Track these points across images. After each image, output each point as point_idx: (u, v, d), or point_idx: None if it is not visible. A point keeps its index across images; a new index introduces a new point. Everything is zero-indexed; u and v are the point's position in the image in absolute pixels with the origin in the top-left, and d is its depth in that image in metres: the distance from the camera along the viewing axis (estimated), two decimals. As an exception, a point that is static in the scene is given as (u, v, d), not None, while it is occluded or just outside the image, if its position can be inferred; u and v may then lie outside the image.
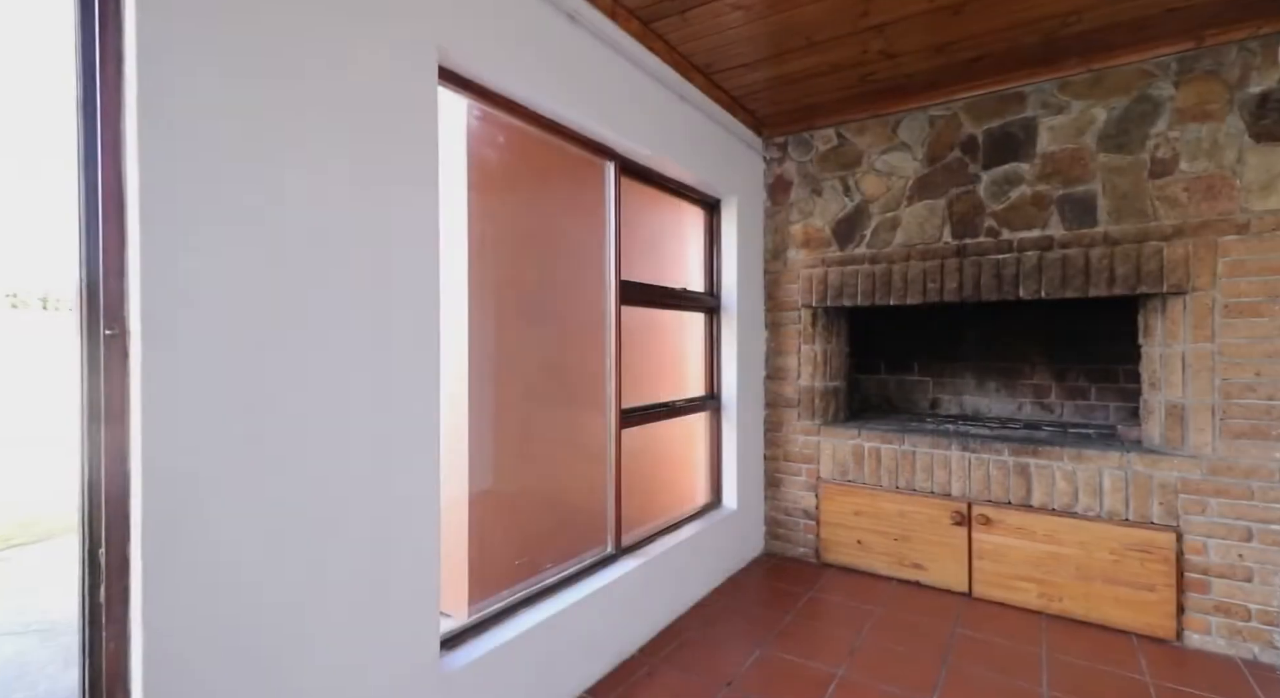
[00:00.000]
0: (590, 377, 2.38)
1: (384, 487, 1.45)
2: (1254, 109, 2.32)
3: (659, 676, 2.20)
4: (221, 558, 1.15)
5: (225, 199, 1.15)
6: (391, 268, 1.48)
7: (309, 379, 1.30)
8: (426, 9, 1.53)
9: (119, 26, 1.04)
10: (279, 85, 1.23)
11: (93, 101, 1.03)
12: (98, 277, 1.04)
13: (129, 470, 1.07)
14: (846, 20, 2.28)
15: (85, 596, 1.06)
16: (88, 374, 1.05)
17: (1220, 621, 2.35)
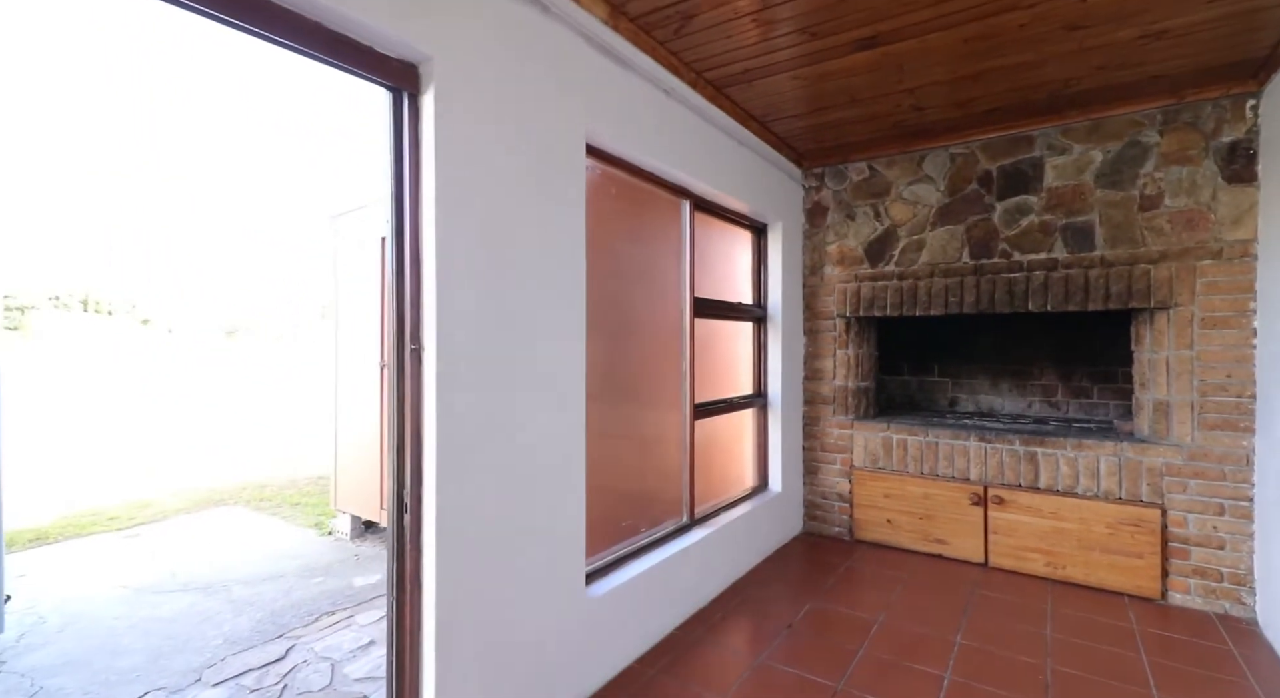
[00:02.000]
0: (670, 378, 2.90)
1: (555, 460, 1.97)
2: (1226, 155, 2.78)
3: (731, 620, 2.71)
4: (473, 497, 1.68)
5: (478, 261, 1.68)
6: (561, 296, 2.00)
7: (518, 380, 1.82)
8: (580, 109, 2.06)
9: (417, 157, 1.58)
10: (502, 180, 1.76)
11: (401, 199, 1.57)
12: (405, 311, 1.58)
13: (423, 443, 1.60)
14: (885, 85, 2.77)
15: (394, 522, 1.60)
16: (398, 375, 1.58)
17: (1198, 582, 2.81)
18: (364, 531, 4.35)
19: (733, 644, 2.52)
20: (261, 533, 4.51)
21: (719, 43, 2.38)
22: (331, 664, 2.58)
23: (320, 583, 3.50)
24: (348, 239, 4.28)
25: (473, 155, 1.67)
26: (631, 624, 2.34)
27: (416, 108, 1.59)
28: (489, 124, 1.72)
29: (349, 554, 3.98)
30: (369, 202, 4.10)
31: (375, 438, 4.05)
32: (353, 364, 4.27)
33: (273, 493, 5.73)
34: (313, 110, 34.03)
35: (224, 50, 44.42)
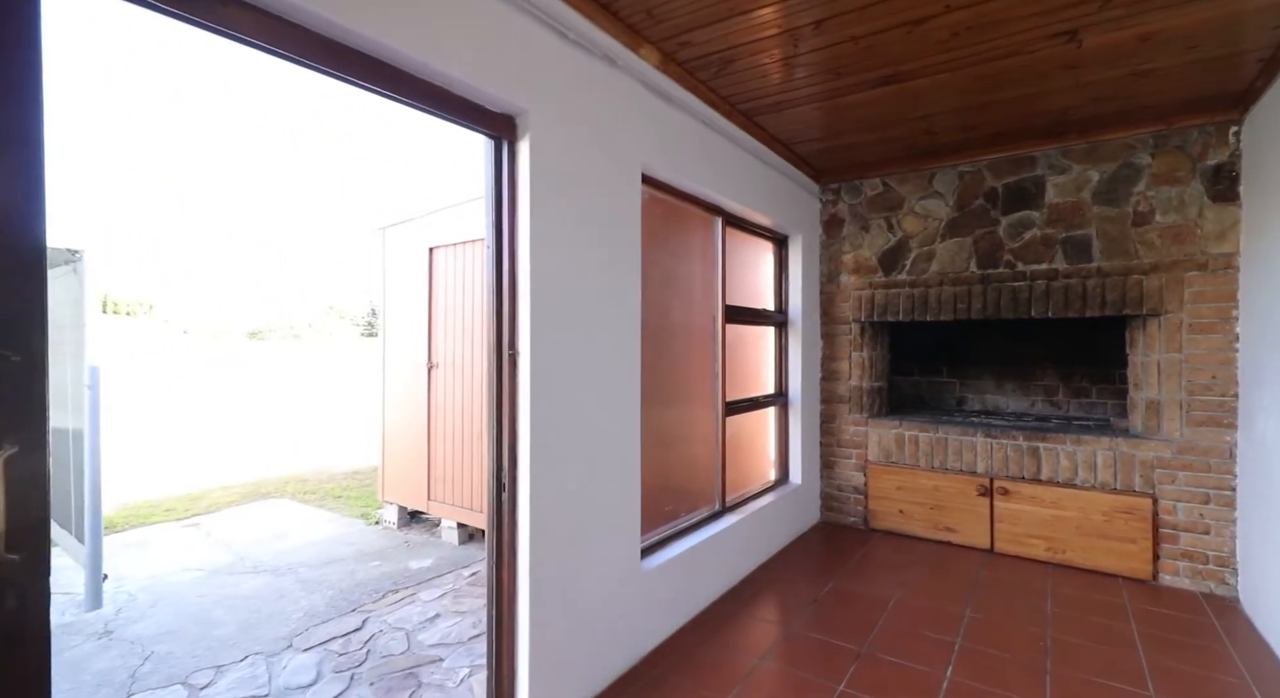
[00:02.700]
0: (705, 378, 3.20)
1: (616, 448, 2.27)
2: (1211, 177, 3.06)
3: (761, 596, 3.01)
4: (556, 479, 1.98)
5: (560, 278, 1.98)
6: (621, 307, 2.30)
7: (588, 379, 2.12)
8: (638, 144, 2.36)
9: (514, 194, 1.88)
10: (580, 211, 2.06)
11: (500, 229, 1.88)
12: (503, 321, 1.88)
13: (517, 432, 1.90)
14: (899, 114, 3.06)
15: (494, 498, 1.90)
16: (497, 375, 1.89)
17: (1186, 564, 3.09)
18: (409, 520, 4.67)
19: (764, 616, 2.81)
20: (312, 523, 4.83)
21: (754, 81, 2.67)
22: (405, 633, 2.89)
23: (378, 566, 3.81)
24: (396, 249, 4.60)
25: (556, 190, 1.98)
26: (677, 596, 2.64)
27: (514, 153, 1.89)
28: (568, 163, 2.03)
29: (399, 541, 4.29)
30: (417, 215, 4.42)
31: (423, 433, 4.37)
32: (400, 365, 4.59)
33: (314, 486, 6.06)
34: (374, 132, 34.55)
35: (299, 83, 44.93)
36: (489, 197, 1.90)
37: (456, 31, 1.64)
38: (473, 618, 3.05)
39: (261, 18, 1.30)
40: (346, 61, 1.46)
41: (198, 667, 2.64)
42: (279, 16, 1.33)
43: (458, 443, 4.17)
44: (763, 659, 2.42)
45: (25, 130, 0.98)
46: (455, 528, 4.19)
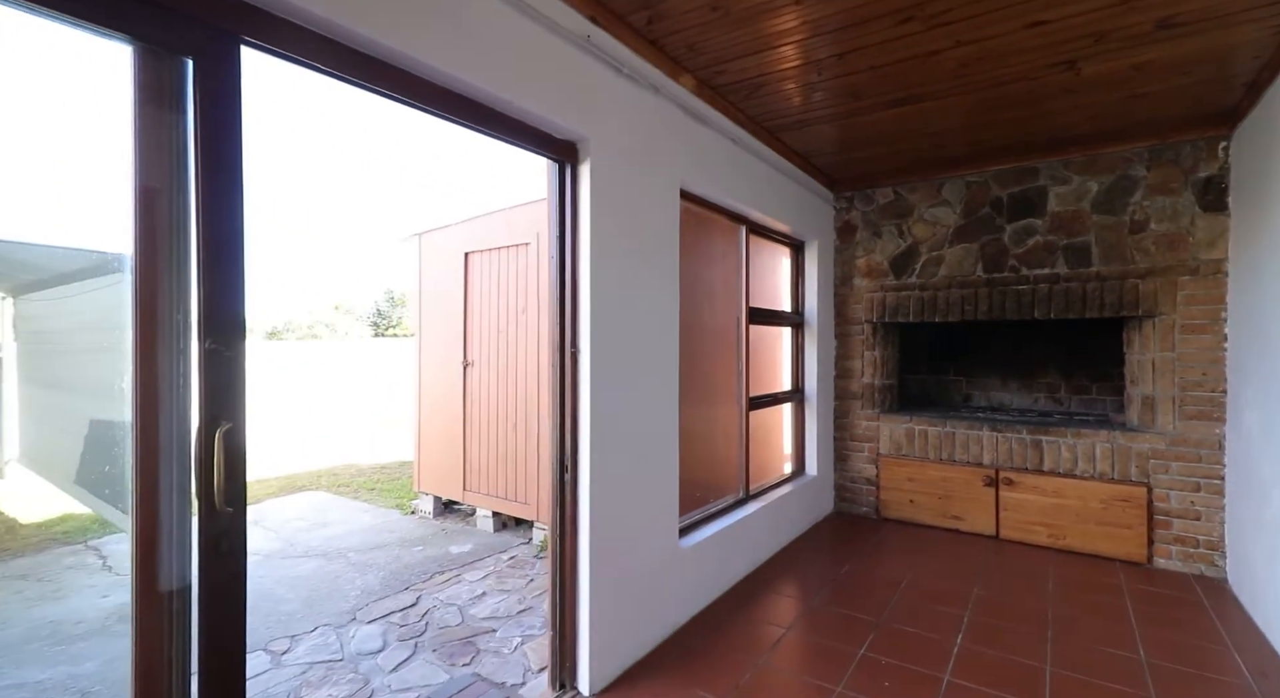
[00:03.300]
0: (730, 375, 3.45)
1: (659, 436, 2.52)
2: (1202, 188, 3.29)
3: (783, 576, 3.26)
4: (610, 462, 2.23)
5: (614, 284, 2.23)
6: (662, 310, 2.54)
7: (635, 374, 2.37)
8: (677, 163, 2.61)
9: (575, 211, 2.14)
10: (629, 225, 2.31)
11: (564, 241, 2.13)
12: (565, 323, 2.14)
13: (580, 423, 2.15)
14: (911, 130, 3.30)
15: (558, 478, 2.15)
16: (559, 371, 2.14)
17: (1178, 548, 3.32)
18: (444, 509, 4.93)
19: (787, 592, 3.06)
20: (350, 513, 5.10)
21: (779, 103, 2.92)
22: (458, 608, 3.15)
23: (422, 551, 4.07)
24: (432, 254, 4.86)
25: (610, 207, 2.23)
26: (710, 573, 2.89)
27: (575, 174, 2.15)
28: (620, 182, 2.28)
29: (436, 529, 4.56)
30: (453, 221, 4.68)
31: (458, 428, 4.63)
32: (435, 364, 4.86)
33: (346, 480, 6.33)
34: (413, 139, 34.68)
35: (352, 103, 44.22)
36: (553, 212, 2.15)
37: (534, 73, 1.90)
38: (516, 596, 3.31)
39: (399, 73, 1.56)
40: (450, 103, 1.72)
41: (273, 637, 2.90)
42: (410, 72, 1.59)
43: (492, 437, 4.43)
44: (789, 629, 2.67)
45: (231, 179, 1.24)
46: (490, 516, 4.45)
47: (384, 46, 1.48)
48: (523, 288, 4.24)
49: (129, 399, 1.20)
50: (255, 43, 1.27)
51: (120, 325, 3.83)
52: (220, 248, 1.22)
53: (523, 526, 4.50)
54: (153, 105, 1.16)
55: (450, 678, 2.50)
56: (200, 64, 1.19)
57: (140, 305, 1.17)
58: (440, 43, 1.60)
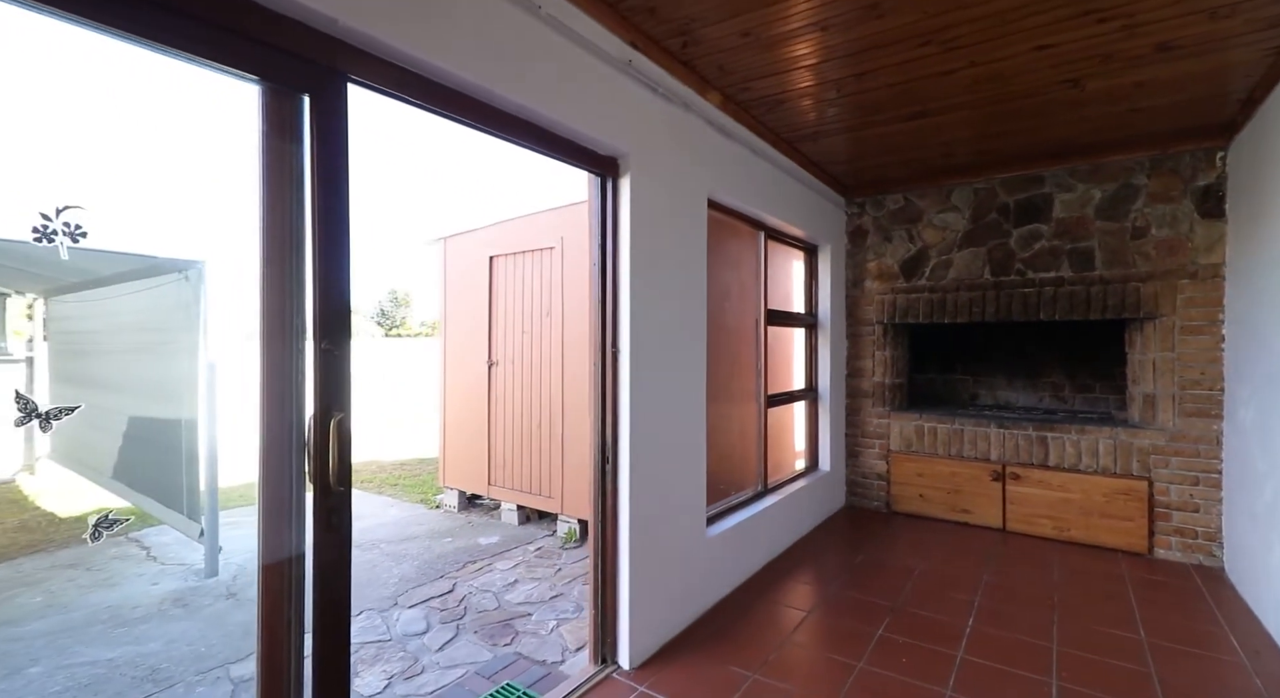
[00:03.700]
0: (749, 374, 3.61)
1: (689, 431, 2.69)
2: (1201, 196, 3.45)
3: (800, 566, 3.42)
4: (647, 453, 2.40)
5: (650, 288, 2.40)
6: (691, 312, 2.71)
7: (668, 372, 2.54)
8: (705, 174, 2.79)
9: (616, 221, 2.31)
10: (663, 233, 2.48)
11: (605, 249, 2.30)
12: (607, 325, 2.31)
13: (620, 417, 2.33)
14: (922, 141, 3.47)
15: (599, 467, 2.33)
16: (601, 369, 2.31)
17: (1177, 539, 3.48)
18: (468, 504, 5.11)
19: (805, 580, 3.23)
20: (377, 507, 5.27)
21: (799, 116, 3.09)
22: (493, 594, 3.32)
23: (451, 542, 4.25)
24: (456, 258, 5.04)
25: (646, 217, 2.40)
26: (733, 561, 3.06)
27: (616, 188, 2.32)
28: (656, 194, 2.45)
29: (462, 522, 4.73)
30: (478, 226, 4.86)
31: (483, 424, 4.81)
32: (459, 363, 5.03)
33: (368, 476, 6.51)
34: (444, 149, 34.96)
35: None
36: (595, 223, 2.32)
37: (582, 96, 2.07)
38: (547, 584, 3.48)
39: (472, 102, 1.74)
40: (513, 126, 1.89)
41: (322, 619, 3.07)
42: (481, 100, 1.76)
43: (517, 433, 4.61)
44: (809, 613, 2.84)
45: (339, 200, 1.41)
46: (515, 510, 4.62)
47: (460, 78, 1.66)
48: (547, 290, 4.41)
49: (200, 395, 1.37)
50: (359, 80, 1.45)
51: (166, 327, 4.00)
52: (331, 262, 1.39)
53: (546, 518, 4.67)
54: (276, 136, 1.34)
55: (494, 656, 2.67)
56: (315, 100, 1.37)
57: (266, 311, 1.34)
58: (506, 73, 1.78)
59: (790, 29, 2.24)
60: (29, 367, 8.06)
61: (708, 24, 2.20)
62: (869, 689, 2.20)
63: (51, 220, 1.02)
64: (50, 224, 1.03)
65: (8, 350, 8.19)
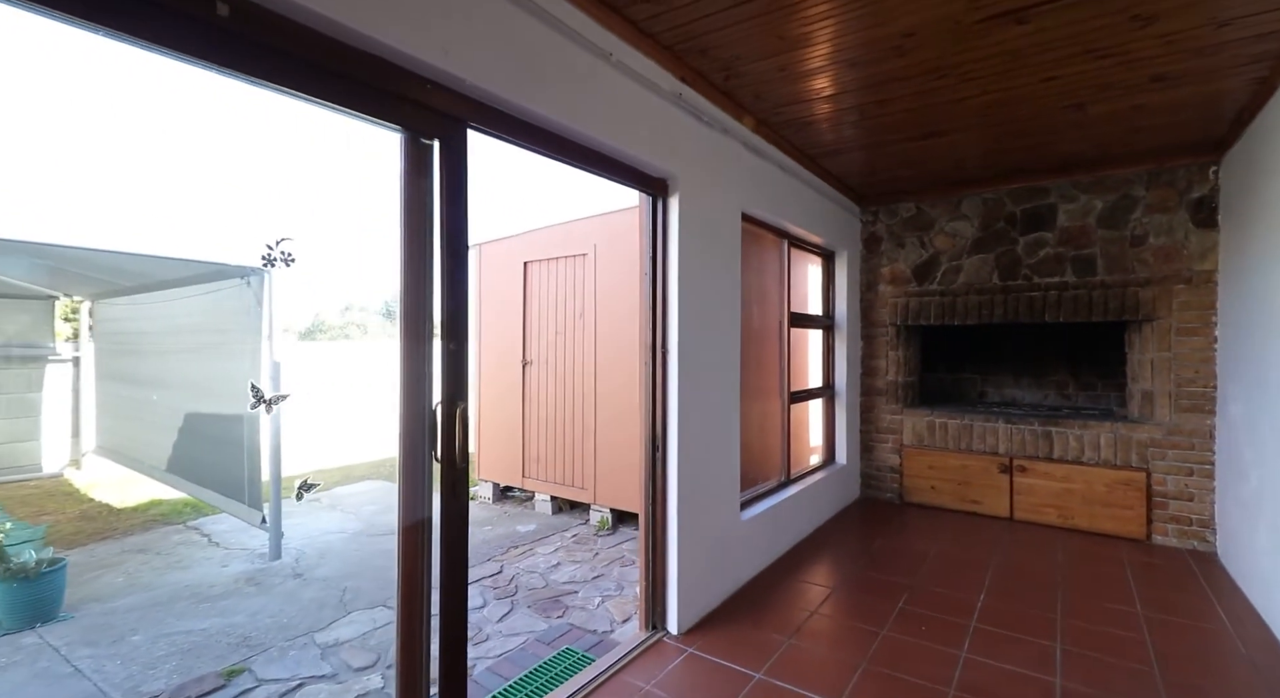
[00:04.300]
0: (774, 373, 3.89)
1: (725, 422, 2.97)
2: (1195, 207, 3.71)
3: (822, 549, 3.70)
4: (691, 443, 2.68)
5: (694, 294, 2.68)
6: (727, 315, 2.99)
7: (708, 370, 2.82)
8: (740, 191, 3.06)
9: (666, 236, 2.59)
10: (705, 246, 2.76)
11: (656, 260, 2.58)
12: (657, 329, 2.59)
13: (669, 409, 2.61)
14: (934, 155, 3.74)
15: (649, 454, 2.61)
16: (651, 367, 2.60)
17: (1174, 527, 3.74)
18: (501, 495, 5.40)
19: (827, 561, 3.50)
20: (415, 499, 5.56)
21: (823, 136, 3.37)
22: (539, 575, 3.61)
23: (490, 530, 4.54)
24: (491, 263, 5.33)
25: (691, 232, 2.68)
26: (763, 543, 3.34)
27: (666, 206, 2.60)
28: (699, 210, 2.73)
29: (498, 513, 5.02)
30: (512, 233, 5.15)
31: (517, 420, 5.10)
32: (494, 363, 5.32)
33: (401, 471, 6.80)
34: None
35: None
36: (646, 237, 2.60)
37: (640, 126, 2.35)
38: (588, 566, 3.76)
39: (557, 139, 2.03)
40: (585, 155, 2.17)
41: (387, 596, 3.37)
42: (564, 136, 2.05)
43: (550, 428, 4.89)
44: (834, 589, 3.11)
45: (461, 226, 1.70)
46: (549, 500, 4.91)
47: (548, 119, 1.94)
48: (580, 293, 4.70)
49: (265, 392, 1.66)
50: (476, 126, 1.73)
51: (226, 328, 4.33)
52: (455, 275, 1.68)
53: (577, 508, 4.96)
54: (414, 173, 1.62)
55: (549, 626, 2.96)
56: (445, 145, 1.65)
57: (405, 316, 1.63)
58: (583, 112, 2.06)
59: (821, 65, 2.52)
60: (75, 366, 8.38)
61: (750, 61, 2.48)
62: (893, 651, 2.47)
63: (272, 248, 1.31)
64: (271, 251, 1.31)
65: (56, 351, 8.49)
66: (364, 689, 2.45)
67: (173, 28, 1.15)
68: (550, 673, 2.47)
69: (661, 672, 2.33)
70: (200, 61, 1.19)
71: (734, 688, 2.22)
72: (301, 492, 1.82)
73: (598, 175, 2.32)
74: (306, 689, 2.45)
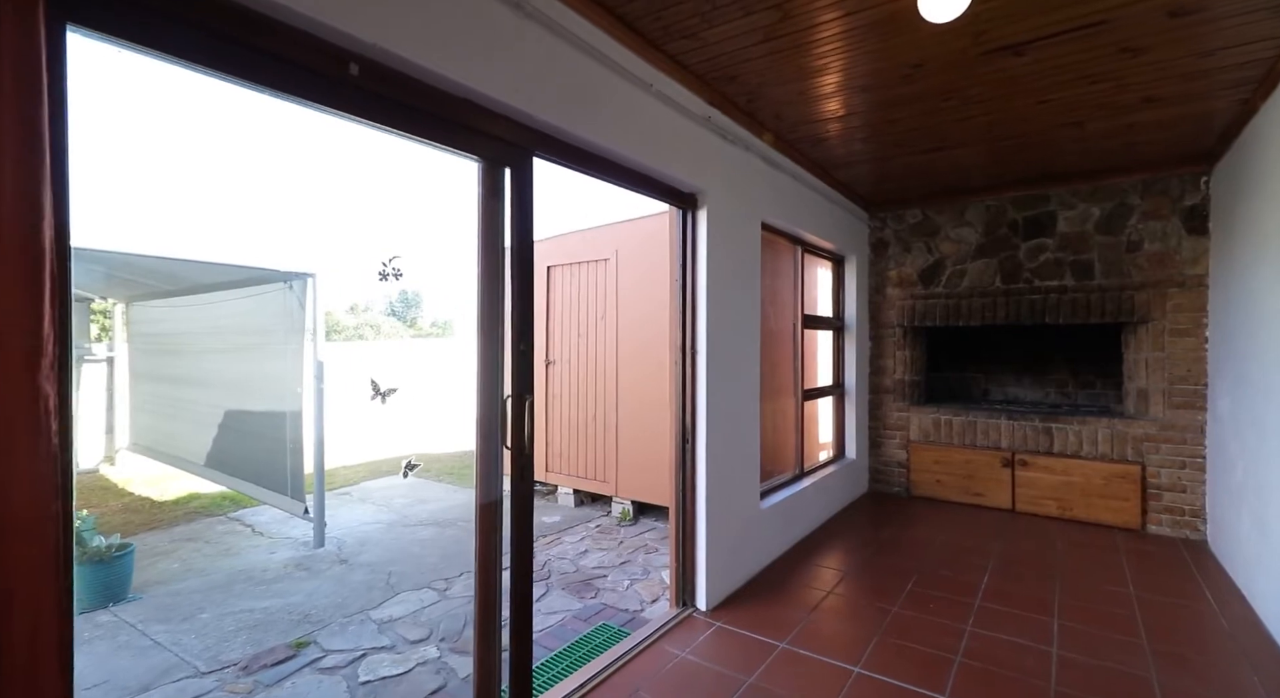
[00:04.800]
0: (789, 372, 4.12)
1: (747, 417, 3.20)
2: (1187, 215, 3.93)
3: (833, 538, 3.93)
4: (717, 435, 2.92)
5: (719, 298, 2.91)
6: (748, 319, 3.23)
7: (732, 368, 3.06)
8: (760, 202, 3.30)
9: (695, 245, 2.83)
10: (729, 254, 3.00)
11: (685, 267, 2.82)
12: (687, 330, 2.83)
13: (697, 405, 2.85)
14: (939, 167, 3.97)
15: (680, 446, 2.85)
16: (681, 366, 2.84)
17: (1167, 517, 3.96)
18: (525, 490, 5.64)
19: (840, 548, 3.74)
20: (442, 492, 5.82)
21: (836, 150, 3.60)
22: (569, 560, 3.85)
23: (518, 521, 4.78)
24: (515, 266, 5.57)
25: (717, 242, 2.92)
26: (779, 531, 3.58)
27: (695, 218, 2.84)
28: (724, 222, 2.97)
29: (523, 505, 5.26)
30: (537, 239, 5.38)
31: (541, 417, 5.34)
32: (517, 362, 5.56)
33: (426, 465, 7.07)
34: None
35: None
36: (677, 248, 2.84)
37: (674, 146, 2.59)
38: (614, 553, 4.00)
39: (604, 160, 2.27)
40: (626, 175, 2.41)
41: (430, 580, 3.62)
42: (609, 158, 2.29)
43: (573, 425, 5.13)
44: (847, 573, 3.34)
45: (529, 243, 1.94)
46: (571, 493, 5.15)
47: (598, 145, 2.18)
48: (602, 296, 4.94)
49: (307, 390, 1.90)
50: (540, 154, 1.98)
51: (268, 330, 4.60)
52: (524, 283, 1.92)
53: (599, 501, 5.20)
54: (489, 196, 1.87)
55: (584, 606, 3.20)
56: (514, 171, 1.90)
57: (482, 320, 1.87)
58: (628, 137, 2.30)
59: (835, 90, 2.75)
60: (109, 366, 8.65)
61: (773, 86, 2.71)
62: (904, 625, 2.71)
63: (386, 265, 1.55)
64: (385, 268, 1.55)
65: (91, 351, 8.76)
66: (422, 658, 2.69)
67: (315, 84, 1.39)
68: (591, 644, 2.71)
69: (694, 642, 2.57)
70: (335, 111, 1.44)
71: (761, 655, 2.46)
72: (407, 470, 2.04)
73: (637, 192, 2.56)
74: (370, 659, 2.70)
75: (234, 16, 1.25)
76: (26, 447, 0.90)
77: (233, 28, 1.25)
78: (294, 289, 4.48)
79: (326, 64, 1.39)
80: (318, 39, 1.37)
